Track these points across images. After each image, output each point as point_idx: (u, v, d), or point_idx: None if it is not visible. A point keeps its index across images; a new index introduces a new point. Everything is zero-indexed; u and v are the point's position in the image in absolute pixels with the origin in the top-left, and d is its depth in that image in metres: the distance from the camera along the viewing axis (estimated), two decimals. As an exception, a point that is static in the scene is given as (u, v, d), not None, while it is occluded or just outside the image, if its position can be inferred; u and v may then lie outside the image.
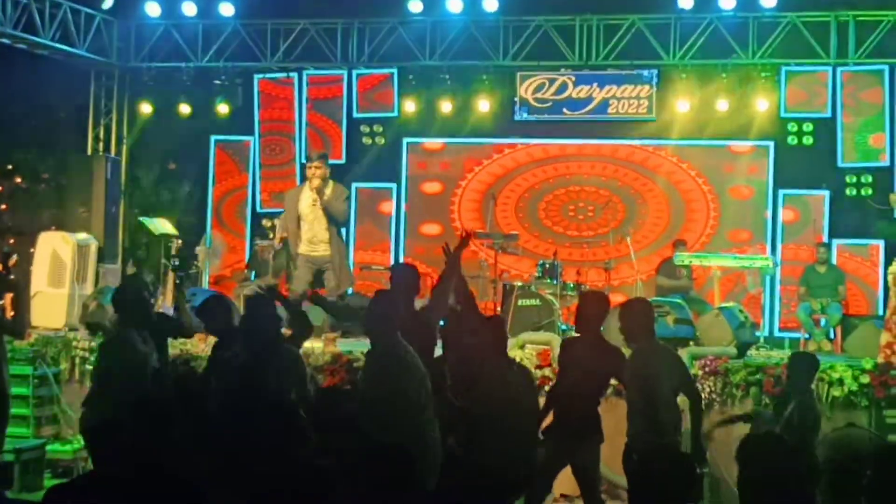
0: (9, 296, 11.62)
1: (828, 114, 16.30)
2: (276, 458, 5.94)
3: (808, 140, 16.49)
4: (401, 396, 7.52)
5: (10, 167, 18.49)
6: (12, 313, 11.68)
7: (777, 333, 16.15)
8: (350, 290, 14.22)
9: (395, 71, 17.47)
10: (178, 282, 11.74)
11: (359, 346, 12.06)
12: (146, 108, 18.09)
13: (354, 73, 17.68)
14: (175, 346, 11.69)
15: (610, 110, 17.02)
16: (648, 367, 8.55)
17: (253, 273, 16.29)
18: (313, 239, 12.82)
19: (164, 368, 9.24)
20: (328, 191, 12.69)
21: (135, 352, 8.91)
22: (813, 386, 11.32)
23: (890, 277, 12.61)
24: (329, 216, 12.72)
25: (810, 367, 9.23)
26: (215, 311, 9.13)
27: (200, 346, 12.19)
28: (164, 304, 14.03)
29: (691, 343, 12.67)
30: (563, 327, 13.78)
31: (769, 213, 16.71)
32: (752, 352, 13.01)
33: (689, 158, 17.21)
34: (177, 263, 14.41)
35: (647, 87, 16.86)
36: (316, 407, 6.87)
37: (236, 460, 6.45)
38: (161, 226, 16.97)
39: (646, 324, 8.78)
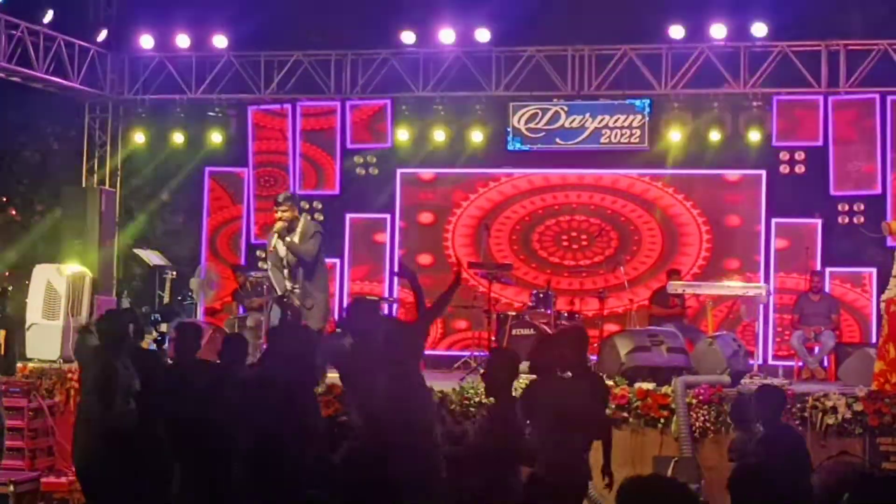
0: (2, 332, 11.63)
1: (819, 142, 16.37)
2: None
3: (799, 168, 16.54)
4: None
5: (4, 199, 18.49)
6: (4, 351, 11.69)
7: (771, 362, 16.14)
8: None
9: (388, 102, 17.53)
10: (157, 339, 11.76)
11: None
12: (140, 140, 18.13)
13: (348, 104, 17.74)
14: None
15: (602, 140, 17.06)
16: (555, 398, 8.33)
17: (241, 307, 16.30)
18: (287, 276, 12.92)
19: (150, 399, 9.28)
20: (297, 231, 12.84)
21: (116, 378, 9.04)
22: (806, 416, 11.39)
23: (883, 305, 12.66)
24: (296, 257, 12.83)
25: (777, 400, 9.24)
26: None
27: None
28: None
29: (685, 372, 12.69)
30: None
31: (762, 242, 16.74)
32: (745, 380, 13.04)
33: (681, 187, 17.23)
34: (158, 318, 14.40)
35: (639, 116, 16.92)
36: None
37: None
38: (154, 257, 17.01)
39: (550, 357, 8.63)
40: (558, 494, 7.95)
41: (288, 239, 12.75)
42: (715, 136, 16.49)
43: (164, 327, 13.53)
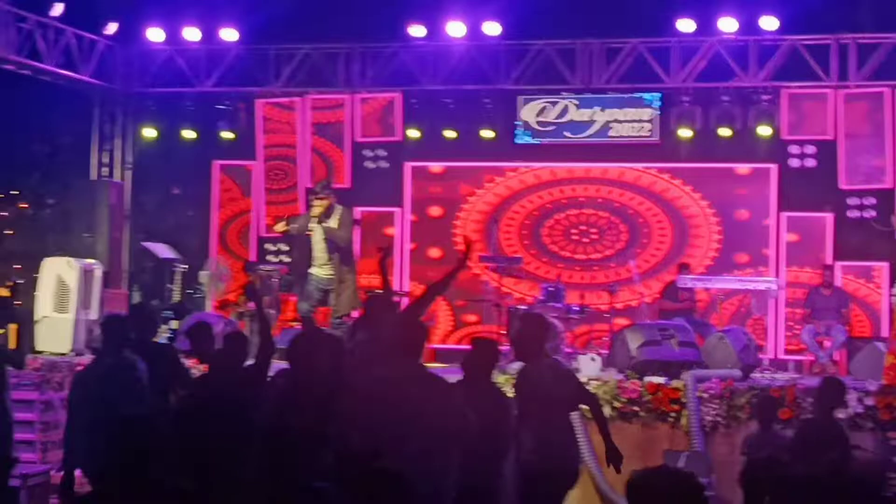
0: (13, 326, 11.63)
1: (829, 136, 16.31)
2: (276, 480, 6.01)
3: (810, 162, 16.49)
4: None
5: (14, 193, 18.53)
6: (16, 344, 11.69)
7: (782, 356, 16.13)
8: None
9: (397, 95, 17.51)
10: (169, 337, 11.84)
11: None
12: (150, 133, 18.15)
13: (357, 97, 17.71)
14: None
15: (611, 133, 17.03)
16: (540, 384, 8.33)
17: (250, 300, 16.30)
18: (319, 261, 13.26)
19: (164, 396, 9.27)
20: (334, 218, 13.09)
21: (138, 376, 9.01)
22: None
23: (894, 299, 12.65)
24: (332, 242, 13.07)
25: (833, 393, 9.30)
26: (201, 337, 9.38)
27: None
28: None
29: (696, 366, 12.68)
30: (567, 350, 13.84)
31: (772, 236, 16.69)
32: (756, 374, 13.04)
33: (691, 181, 17.20)
34: (171, 314, 14.46)
35: (648, 109, 16.88)
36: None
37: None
38: (164, 251, 17.02)
39: (538, 340, 8.61)
40: (551, 476, 8.03)
41: (325, 224, 12.97)
42: (724, 129, 16.45)
43: (174, 324, 13.58)
